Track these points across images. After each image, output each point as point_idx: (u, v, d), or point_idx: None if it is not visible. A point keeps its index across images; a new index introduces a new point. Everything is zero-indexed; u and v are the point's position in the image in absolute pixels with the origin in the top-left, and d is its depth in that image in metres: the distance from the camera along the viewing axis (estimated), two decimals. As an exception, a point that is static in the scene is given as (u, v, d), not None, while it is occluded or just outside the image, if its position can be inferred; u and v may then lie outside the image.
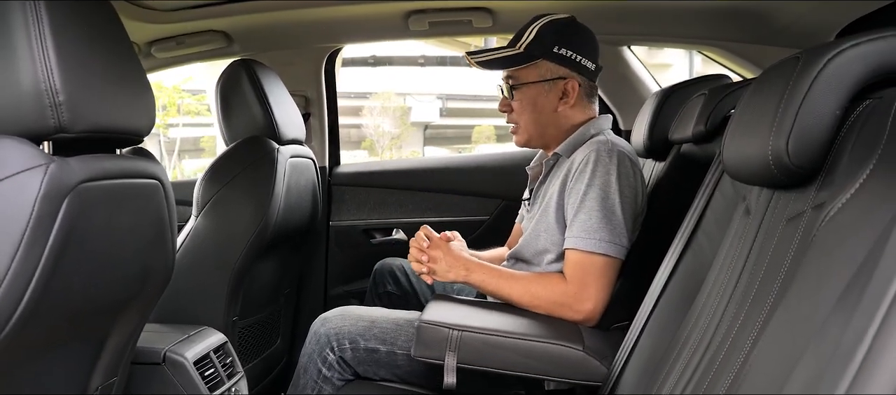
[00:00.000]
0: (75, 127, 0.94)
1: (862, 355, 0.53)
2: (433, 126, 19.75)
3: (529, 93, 1.55)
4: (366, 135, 17.87)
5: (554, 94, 1.54)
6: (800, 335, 0.67)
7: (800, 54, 0.88)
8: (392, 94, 17.69)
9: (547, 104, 1.55)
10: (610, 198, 1.39)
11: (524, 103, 1.56)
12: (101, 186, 1.00)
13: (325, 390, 1.48)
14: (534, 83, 1.54)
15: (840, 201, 0.72)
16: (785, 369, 0.65)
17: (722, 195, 1.17)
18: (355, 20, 2.10)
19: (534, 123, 1.57)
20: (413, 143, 19.10)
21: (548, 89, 1.54)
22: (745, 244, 0.99)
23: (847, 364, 0.54)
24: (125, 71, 1.08)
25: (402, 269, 1.95)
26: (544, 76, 1.53)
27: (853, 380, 0.53)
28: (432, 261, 1.49)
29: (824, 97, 0.81)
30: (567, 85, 1.53)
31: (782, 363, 0.67)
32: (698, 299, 1.09)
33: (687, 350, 1.03)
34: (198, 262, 1.73)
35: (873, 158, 0.71)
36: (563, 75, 1.53)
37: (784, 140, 0.82)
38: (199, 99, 13.87)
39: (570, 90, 1.53)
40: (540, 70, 1.53)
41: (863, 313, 0.55)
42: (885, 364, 0.52)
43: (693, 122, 1.35)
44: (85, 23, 1.01)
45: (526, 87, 1.55)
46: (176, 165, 15.63)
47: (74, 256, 0.96)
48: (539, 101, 1.55)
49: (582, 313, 1.38)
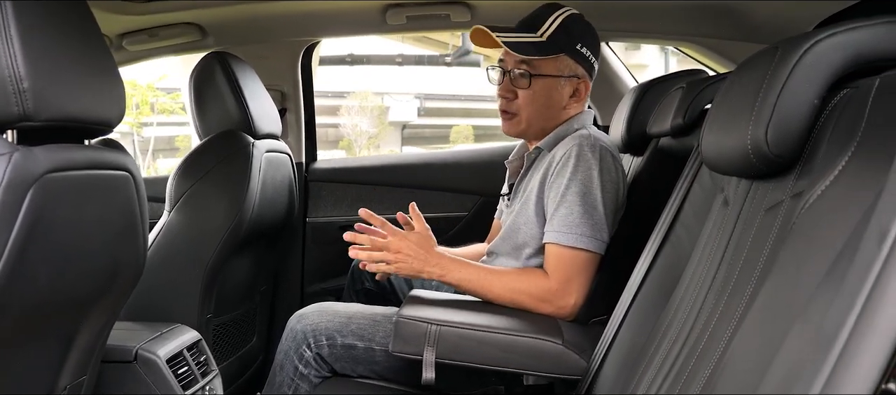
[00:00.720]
0: (40, 115, 0.92)
1: (844, 339, 0.52)
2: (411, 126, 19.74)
3: (545, 85, 1.50)
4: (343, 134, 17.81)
5: (566, 90, 1.52)
6: (780, 322, 0.66)
7: (778, 45, 0.89)
8: (369, 93, 17.65)
9: (557, 99, 1.52)
10: (592, 193, 1.38)
11: (536, 94, 1.50)
12: (67, 176, 0.97)
13: (301, 387, 1.46)
14: (552, 76, 1.50)
15: (819, 189, 0.72)
16: (766, 356, 0.65)
17: (700, 187, 1.18)
18: (332, 14, 2.08)
19: (539, 115, 1.53)
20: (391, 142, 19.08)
21: (562, 85, 1.51)
22: (724, 235, 0.99)
23: (830, 349, 0.53)
24: (94, 60, 1.05)
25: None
26: (562, 72, 1.50)
27: (835, 365, 0.52)
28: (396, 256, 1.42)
29: (803, 86, 0.81)
30: (580, 84, 1.52)
31: (763, 351, 0.67)
32: (677, 292, 1.09)
33: (666, 343, 1.03)
34: (170, 258, 1.70)
35: (851, 146, 0.71)
36: (579, 75, 1.51)
37: (763, 129, 0.82)
38: (174, 98, 13.70)
39: (581, 90, 1.53)
40: (559, 64, 1.49)
41: (845, 297, 0.54)
42: (868, 348, 0.51)
43: (671, 115, 1.35)
44: (52, 9, 0.98)
45: (543, 78, 1.49)
46: (150, 165, 15.44)
47: (40, 247, 0.93)
48: (552, 94, 1.51)
49: (563, 308, 1.38)
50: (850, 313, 0.53)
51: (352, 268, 1.95)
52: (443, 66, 15.46)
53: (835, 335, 0.53)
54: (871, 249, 0.54)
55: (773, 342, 0.65)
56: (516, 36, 1.48)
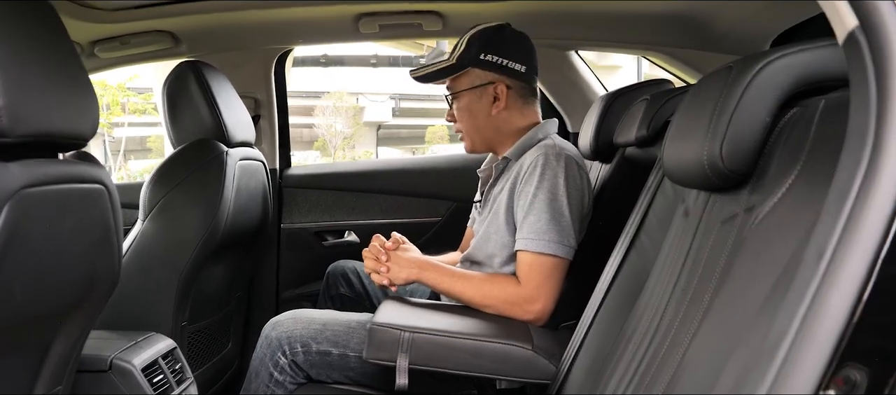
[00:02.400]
0: (15, 132, 0.92)
1: (787, 349, 0.56)
2: (386, 126, 19.72)
3: (465, 100, 1.61)
4: (318, 135, 17.73)
5: (486, 99, 1.59)
6: (731, 333, 0.70)
7: (733, 64, 0.93)
8: (344, 93, 17.60)
9: (481, 110, 1.60)
10: (558, 200, 1.42)
11: (462, 111, 1.62)
12: (43, 191, 0.98)
13: (276, 392, 1.48)
14: (466, 91, 1.60)
15: (768, 206, 0.77)
16: (717, 366, 0.68)
17: (663, 197, 1.22)
18: (305, 22, 2.09)
19: (473, 128, 1.63)
20: (366, 143, 19.04)
21: (479, 95, 1.59)
22: (684, 245, 1.03)
23: (773, 357, 0.57)
24: (67, 75, 1.06)
25: (354, 271, 1.95)
26: (474, 83, 1.58)
27: (778, 372, 0.56)
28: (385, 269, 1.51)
29: (755, 105, 0.85)
30: (496, 89, 1.58)
31: (714, 360, 0.71)
32: (641, 298, 1.13)
33: (631, 347, 1.07)
34: (145, 266, 1.70)
35: (798, 165, 0.75)
36: (491, 80, 1.57)
37: (718, 145, 0.86)
38: (146, 98, 13.54)
39: (499, 94, 1.58)
40: (470, 78, 1.59)
41: (787, 310, 0.58)
42: (807, 358, 0.55)
43: (636, 126, 1.39)
44: (24, 25, 0.99)
45: (461, 95, 1.61)
46: (121, 166, 15.22)
47: (16, 262, 0.94)
48: (473, 107, 1.60)
49: (533, 312, 1.41)
50: (791, 325, 0.57)
51: (327, 274, 1.97)
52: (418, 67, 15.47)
53: (778, 345, 0.57)
54: (811, 266, 0.58)
55: (725, 349, 0.69)
56: (429, 67, 1.63)
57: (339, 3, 1.91)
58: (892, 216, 0.55)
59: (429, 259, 1.52)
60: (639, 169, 1.41)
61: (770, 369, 0.57)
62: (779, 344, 0.57)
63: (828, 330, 0.55)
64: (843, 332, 0.55)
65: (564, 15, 2.00)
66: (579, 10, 1.98)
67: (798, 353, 0.56)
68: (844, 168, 0.59)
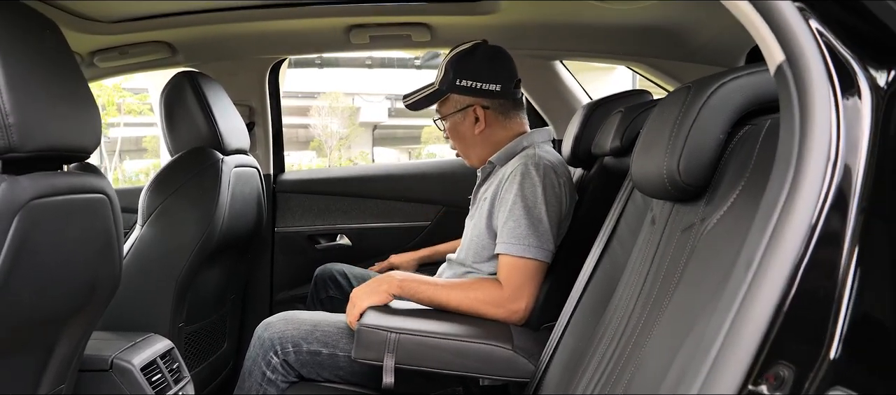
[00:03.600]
0: (25, 147, 0.99)
1: (718, 349, 0.64)
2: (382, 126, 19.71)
3: (451, 123, 1.71)
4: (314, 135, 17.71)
5: (468, 120, 1.68)
6: (678, 334, 0.78)
7: (692, 84, 1.00)
8: (340, 94, 17.59)
9: (466, 130, 1.69)
10: (537, 207, 1.49)
11: (452, 132, 1.72)
12: (50, 202, 1.04)
13: (269, 391, 1.55)
14: (451, 115, 1.69)
15: (716, 217, 0.84)
16: (665, 365, 0.76)
17: (634, 206, 1.29)
18: (298, 33, 2.16)
19: (464, 147, 1.73)
20: (362, 143, 19.03)
21: (462, 118, 1.68)
22: (651, 251, 1.10)
23: (707, 356, 0.64)
24: (72, 91, 1.12)
25: (343, 273, 2.02)
26: (456, 107, 1.68)
27: (710, 370, 0.63)
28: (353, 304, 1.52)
29: (709, 123, 0.92)
30: (475, 111, 1.66)
31: (663, 360, 0.78)
32: (613, 301, 1.20)
33: (601, 348, 1.14)
34: (144, 270, 1.76)
35: (742, 181, 0.82)
36: (469, 103, 1.66)
37: (676, 160, 0.93)
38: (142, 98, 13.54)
39: (478, 115, 1.66)
40: (452, 102, 1.68)
41: (720, 313, 0.66)
42: (735, 357, 0.62)
43: (611, 137, 1.46)
44: (33, 45, 1.05)
45: (447, 118, 1.71)
46: (117, 166, 15.22)
47: (25, 270, 1.00)
48: (459, 129, 1.70)
49: (516, 312, 1.48)
50: (722, 328, 0.64)
51: (315, 277, 2.03)
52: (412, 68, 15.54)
53: (712, 345, 0.65)
54: (741, 274, 0.66)
55: (672, 349, 0.76)
56: (415, 94, 1.72)
57: (330, 16, 1.97)
58: (812, 231, 0.62)
59: (407, 275, 1.58)
60: (614, 177, 1.48)
61: (703, 368, 0.64)
62: (712, 345, 0.64)
63: (753, 332, 0.62)
64: (767, 334, 0.62)
65: (549, 27, 2.07)
66: (563, 22, 2.04)
67: (726, 353, 0.63)
68: (772, 187, 0.67)
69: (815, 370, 0.63)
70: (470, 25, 2.03)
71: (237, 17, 1.96)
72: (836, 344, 0.61)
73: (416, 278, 1.55)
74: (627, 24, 2.02)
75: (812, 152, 0.64)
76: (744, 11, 0.71)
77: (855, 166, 0.64)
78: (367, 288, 1.53)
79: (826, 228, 0.62)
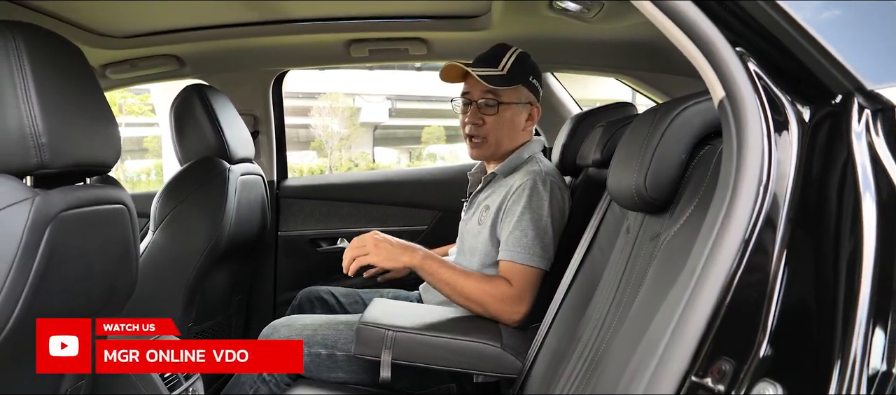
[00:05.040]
0: (55, 163, 1.08)
1: (664, 345, 0.74)
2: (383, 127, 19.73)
3: (509, 111, 1.73)
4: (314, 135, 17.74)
5: (524, 115, 1.76)
6: (639, 332, 0.88)
7: (659, 107, 1.10)
8: (340, 94, 17.61)
9: (519, 123, 1.75)
10: (543, 220, 1.59)
11: (503, 120, 1.73)
12: (76, 213, 1.14)
13: (260, 390, 1.64)
14: (513, 104, 1.73)
15: (674, 229, 0.94)
16: (624, 363, 0.86)
17: (612, 215, 1.39)
18: (301, 47, 2.26)
19: (505, 137, 1.75)
20: (362, 143, 19.04)
21: (521, 110, 1.75)
22: (624, 258, 1.20)
23: (655, 352, 0.75)
24: (95, 110, 1.22)
25: (330, 293, 2.08)
26: (521, 99, 1.73)
27: (657, 364, 0.74)
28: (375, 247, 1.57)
29: (672, 144, 1.03)
30: (533, 110, 1.76)
31: (625, 357, 0.88)
32: (591, 304, 1.30)
33: (580, 347, 1.23)
34: (156, 274, 1.86)
35: (697, 196, 0.93)
36: (532, 102, 1.75)
37: (643, 176, 1.03)
38: (143, 99, 13.61)
39: (534, 114, 1.76)
40: (518, 93, 1.73)
41: (668, 315, 0.76)
42: (678, 352, 0.73)
43: (593, 150, 1.56)
44: (61, 68, 1.14)
45: (507, 105, 1.73)
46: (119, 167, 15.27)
47: (54, 276, 1.10)
48: (516, 120, 1.75)
49: (517, 314, 1.56)
50: (668, 327, 0.74)
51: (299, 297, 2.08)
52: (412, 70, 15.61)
53: (659, 343, 0.75)
54: (686, 281, 0.76)
55: (631, 349, 0.86)
56: (485, 70, 1.70)
57: (332, 31, 2.08)
58: (746, 244, 0.73)
59: (429, 252, 1.64)
60: (597, 187, 1.58)
61: (652, 363, 0.74)
62: (659, 343, 0.75)
63: (693, 332, 0.72)
64: (706, 333, 0.72)
65: (539, 42, 2.16)
66: (552, 38, 2.14)
67: (671, 349, 0.73)
68: (714, 206, 0.77)
69: (748, 364, 0.73)
70: (464, 40, 2.14)
71: (243, 32, 2.07)
72: (765, 342, 0.72)
73: (437, 258, 1.61)
74: (614, 39, 2.12)
75: (746, 177, 0.74)
76: (692, 53, 0.81)
77: (784, 186, 0.74)
78: (388, 248, 1.57)
79: (758, 240, 0.73)
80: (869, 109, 0.72)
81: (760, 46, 0.77)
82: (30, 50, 1.06)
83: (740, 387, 0.72)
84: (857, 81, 0.72)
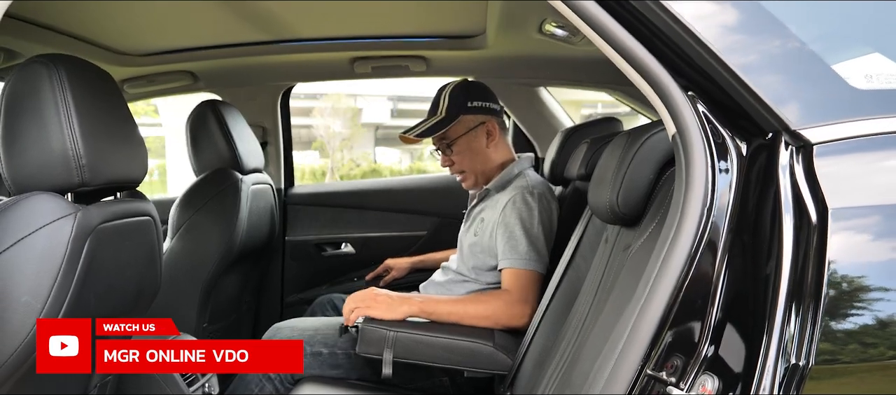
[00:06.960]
0: (94, 181, 1.21)
1: (623, 343, 0.88)
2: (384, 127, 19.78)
3: (464, 143, 1.88)
4: (316, 136, 17.78)
5: (481, 137, 1.88)
6: (606, 333, 1.01)
7: (632, 131, 1.23)
8: (342, 95, 17.64)
9: (479, 147, 1.88)
10: (534, 228, 1.72)
11: (463, 153, 1.89)
12: (111, 226, 1.27)
13: (266, 388, 1.76)
14: (464, 135, 1.87)
15: (640, 241, 1.08)
16: (595, 357, 0.99)
17: (593, 226, 1.52)
18: (307, 64, 2.40)
19: (475, 163, 1.90)
20: (364, 144, 19.06)
21: (476, 136, 1.87)
22: (602, 265, 1.34)
23: (615, 349, 0.88)
24: (126, 132, 1.35)
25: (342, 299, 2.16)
26: (469, 126, 1.86)
27: (617, 359, 0.87)
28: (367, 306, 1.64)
29: (642, 165, 1.16)
30: (488, 125, 1.87)
31: (593, 356, 1.01)
32: (574, 308, 1.42)
33: (562, 347, 1.36)
34: (174, 278, 1.99)
35: (660, 214, 1.06)
36: (482, 121, 1.87)
37: (616, 194, 1.17)
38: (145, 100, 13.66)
39: (491, 130, 1.88)
40: (464, 124, 1.86)
41: (627, 317, 0.89)
42: (634, 348, 0.86)
43: (578, 164, 1.69)
44: (97, 95, 1.26)
45: (459, 140, 1.88)
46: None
47: (92, 283, 1.22)
48: (473, 145, 1.88)
49: (524, 316, 1.67)
50: (627, 328, 0.88)
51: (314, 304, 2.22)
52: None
53: (620, 340, 0.89)
54: (642, 289, 0.90)
55: (598, 348, 1.00)
56: (425, 124, 1.88)
57: (337, 50, 2.21)
58: (691, 259, 0.86)
59: (425, 297, 1.74)
60: (583, 199, 1.70)
61: (611, 360, 0.88)
62: (620, 340, 0.88)
63: (646, 332, 0.86)
64: (658, 334, 0.86)
65: (532, 59, 2.29)
66: (544, 55, 2.25)
67: (628, 346, 0.87)
68: (667, 224, 0.91)
69: (693, 360, 0.86)
70: (462, 58, 2.27)
71: (253, 51, 2.20)
72: (707, 340, 0.85)
73: (433, 298, 1.71)
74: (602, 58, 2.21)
75: (692, 200, 0.88)
76: (651, 96, 0.95)
77: (723, 208, 0.87)
78: (387, 300, 1.64)
79: (702, 254, 0.86)
80: (793, 146, 0.86)
81: (708, 89, 0.91)
82: (71, 80, 1.18)
83: (687, 379, 0.86)
84: (784, 122, 0.86)
